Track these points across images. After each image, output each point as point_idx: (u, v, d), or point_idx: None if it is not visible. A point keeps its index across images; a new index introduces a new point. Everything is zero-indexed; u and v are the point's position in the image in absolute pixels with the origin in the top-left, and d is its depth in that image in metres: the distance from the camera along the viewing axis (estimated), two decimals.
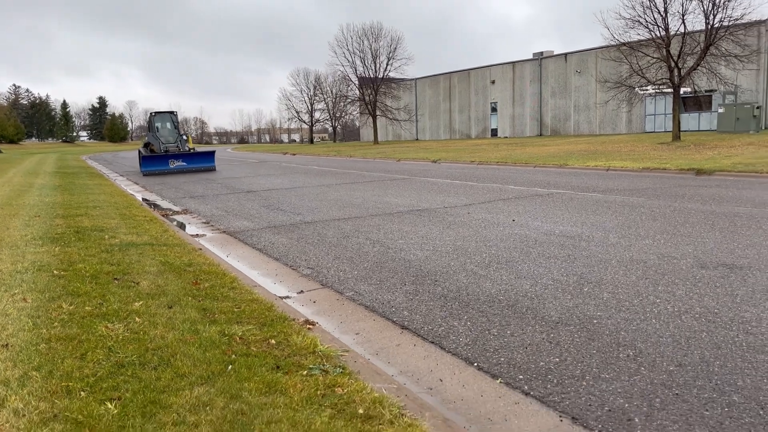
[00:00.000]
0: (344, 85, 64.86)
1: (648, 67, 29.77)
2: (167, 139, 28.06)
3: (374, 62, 58.07)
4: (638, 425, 3.30)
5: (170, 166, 26.11)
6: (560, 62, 51.31)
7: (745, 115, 33.67)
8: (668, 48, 28.60)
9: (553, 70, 51.76)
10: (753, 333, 4.51)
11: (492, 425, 3.42)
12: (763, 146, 24.37)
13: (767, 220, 9.07)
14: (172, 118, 29.48)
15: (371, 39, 58.42)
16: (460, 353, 4.44)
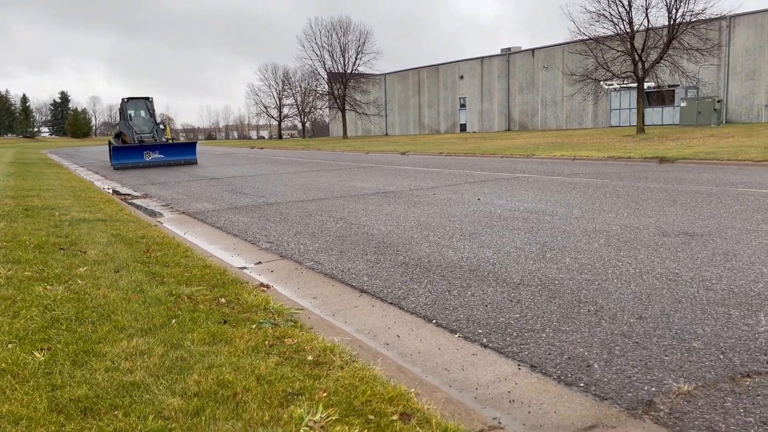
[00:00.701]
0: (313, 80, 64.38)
1: (613, 60, 30.11)
2: (141, 128, 24.58)
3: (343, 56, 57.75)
4: (597, 370, 3.21)
5: (145, 159, 22.98)
6: (528, 58, 51.71)
7: (707, 109, 34.37)
8: (632, 41, 28.97)
9: (521, 66, 52.13)
10: (713, 289, 4.48)
11: (449, 374, 3.29)
12: (723, 138, 24.85)
13: (726, 196, 9.16)
14: (147, 104, 25.54)
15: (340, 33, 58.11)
16: (419, 312, 4.31)
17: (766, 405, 2.73)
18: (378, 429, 2.28)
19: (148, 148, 23.32)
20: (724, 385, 2.95)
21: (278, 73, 79.80)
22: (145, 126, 24.83)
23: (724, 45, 36.81)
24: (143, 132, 24.43)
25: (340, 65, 57.96)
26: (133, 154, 23.05)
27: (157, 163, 23.20)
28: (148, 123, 25.07)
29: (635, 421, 2.69)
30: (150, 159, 23.13)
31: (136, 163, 22.69)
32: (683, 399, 2.84)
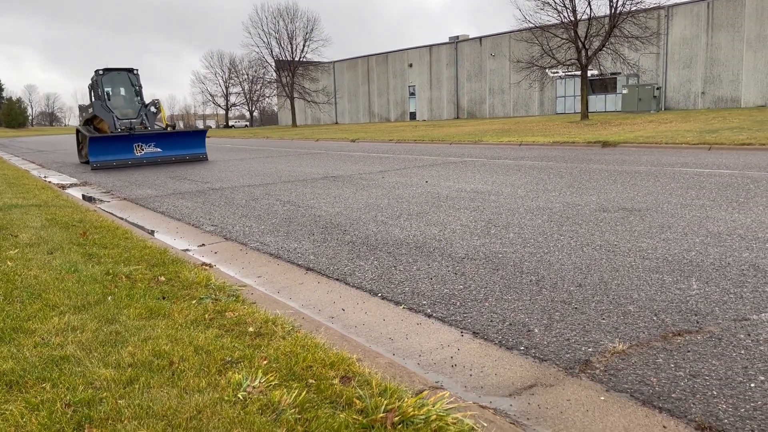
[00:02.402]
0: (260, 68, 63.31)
1: (558, 48, 30.71)
2: (124, 111, 18.15)
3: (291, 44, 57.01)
4: (537, 334, 3.27)
5: (136, 155, 16.57)
6: (475, 46, 52.19)
7: (647, 96, 35.46)
8: (576, 29, 29.60)
9: (469, 54, 52.59)
10: (649, 258, 4.63)
11: (393, 343, 3.30)
12: (662, 123, 25.71)
13: (663, 176, 9.48)
14: (130, 78, 18.73)
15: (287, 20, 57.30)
16: (364, 287, 4.30)
17: (695, 360, 2.84)
18: (318, 391, 2.26)
19: (139, 138, 16.84)
20: (656, 344, 3.05)
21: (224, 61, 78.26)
22: (128, 108, 18.40)
23: (663, 34, 38.04)
24: (127, 116, 17.94)
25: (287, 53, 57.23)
26: (118, 147, 16.33)
27: (153, 159, 16.85)
28: (133, 104, 18.61)
29: (572, 379, 2.75)
30: (143, 154, 16.74)
31: (123, 161, 16.27)
32: (618, 357, 2.92)
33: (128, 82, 18.75)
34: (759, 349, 2.91)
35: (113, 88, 18.37)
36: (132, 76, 18.82)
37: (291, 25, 57.15)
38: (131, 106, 18.51)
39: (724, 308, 3.49)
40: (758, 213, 6.12)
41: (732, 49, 36.33)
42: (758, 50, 35.12)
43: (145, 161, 16.72)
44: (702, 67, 37.81)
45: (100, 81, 18.12)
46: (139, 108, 18.46)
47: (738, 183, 8.29)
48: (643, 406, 2.49)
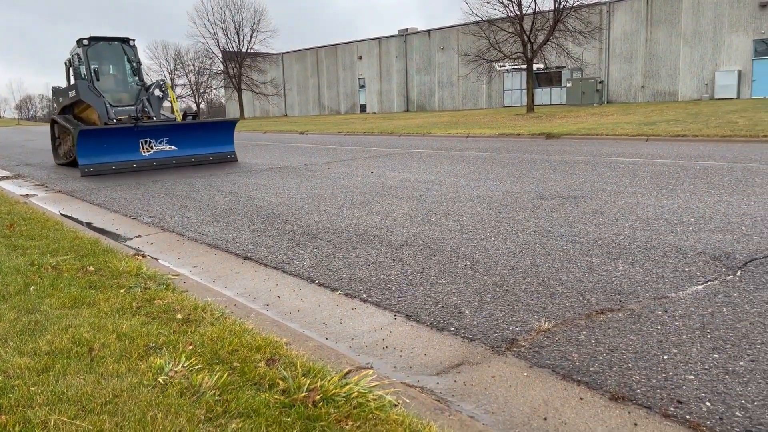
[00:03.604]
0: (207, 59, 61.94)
1: (504, 41, 31.17)
2: (117, 95, 13.70)
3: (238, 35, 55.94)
4: (468, 315, 3.34)
5: (143, 155, 12.13)
6: (424, 39, 52.45)
7: (590, 89, 36.43)
8: (521, 23, 30.10)
9: (418, 47, 52.81)
10: (580, 242, 4.77)
11: (326, 328, 3.31)
12: (604, 116, 26.45)
13: (601, 165, 9.78)
14: (126, 52, 14.06)
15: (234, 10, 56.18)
16: (302, 275, 4.29)
17: (614, 336, 2.96)
18: (242, 373, 2.25)
19: (147, 132, 12.24)
20: (580, 322, 3.16)
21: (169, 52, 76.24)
22: (123, 91, 13.89)
23: (605, 29, 39.07)
24: (121, 102, 13.50)
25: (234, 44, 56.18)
26: (118, 144, 11.85)
27: (166, 162, 12.32)
28: (129, 86, 14.08)
29: (498, 357, 2.83)
30: (151, 154, 12.23)
31: (125, 164, 11.85)
32: (543, 335, 3.01)
33: (122, 57, 14.05)
34: (674, 325, 3.05)
35: (102, 64, 13.79)
36: (128, 48, 14.04)
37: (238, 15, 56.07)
38: (127, 88, 13.92)
39: (645, 287, 3.64)
40: (685, 199, 6.38)
41: (670, 44, 37.61)
42: (694, 46, 36.48)
43: (156, 164, 11.99)
44: (642, 62, 39.02)
45: (85, 55, 13.23)
46: (138, 91, 13.81)
47: (669, 171, 8.63)
48: (563, 380, 2.58)
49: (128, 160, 11.86)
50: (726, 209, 5.74)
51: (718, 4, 35.05)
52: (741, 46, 34.54)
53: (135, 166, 11.87)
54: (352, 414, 1.95)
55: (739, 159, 9.91)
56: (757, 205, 5.89)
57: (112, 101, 13.24)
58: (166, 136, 12.42)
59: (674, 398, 2.35)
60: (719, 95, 34.42)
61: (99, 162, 11.50)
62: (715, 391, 2.38)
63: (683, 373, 2.54)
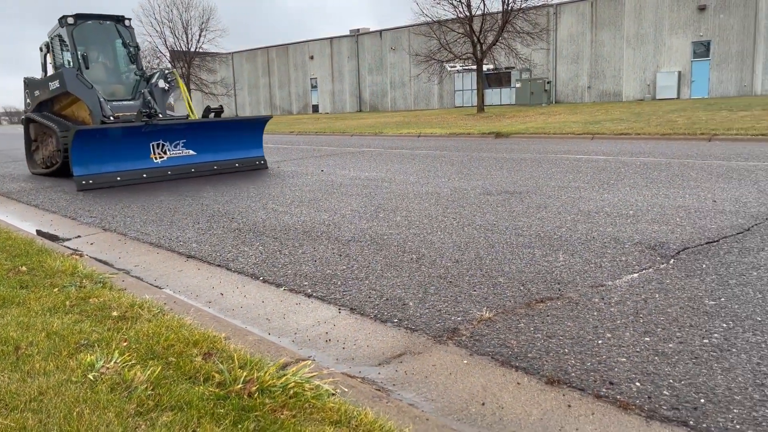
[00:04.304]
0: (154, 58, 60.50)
1: (454, 42, 31.53)
2: (110, 87, 11.45)
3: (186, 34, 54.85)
4: (411, 307, 3.36)
5: (155, 162, 9.69)
6: (376, 39, 52.57)
7: (538, 90, 37.20)
8: (471, 24, 30.51)
9: (370, 47, 52.90)
10: (523, 235, 4.86)
11: (269, 323, 3.27)
12: (552, 115, 27.06)
13: (547, 162, 10.00)
14: (120, 33, 11.67)
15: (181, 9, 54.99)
16: (246, 272, 4.24)
17: (552, 323, 3.03)
18: (177, 368, 2.21)
19: (160, 133, 9.70)
20: (520, 310, 3.22)
21: None
22: (118, 84, 11.61)
23: (552, 30, 39.97)
24: (115, 96, 11.25)
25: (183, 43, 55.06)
26: (123, 148, 9.32)
27: (183, 170, 9.87)
28: (125, 77, 11.73)
29: (440, 346, 2.85)
30: (165, 161, 9.76)
31: (133, 174, 9.33)
32: (484, 324, 3.06)
33: (116, 40, 11.56)
34: (609, 311, 3.14)
35: (90, 49, 11.23)
36: (123, 29, 11.55)
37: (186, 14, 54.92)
38: (122, 79, 11.56)
39: (584, 276, 3.74)
40: (624, 193, 6.59)
41: (614, 46, 38.74)
42: (636, 47, 37.67)
43: (171, 173, 9.52)
44: (588, 63, 40.06)
45: (70, 36, 10.79)
46: (136, 82, 11.46)
47: (611, 167, 8.88)
48: (501, 366, 2.62)
49: (137, 169, 9.25)
50: (662, 202, 5.94)
51: (658, 7, 36.30)
52: (680, 48, 35.86)
53: (145, 176, 9.27)
54: (288, 403, 1.94)
55: (677, 155, 10.29)
56: (691, 198, 6.12)
57: (105, 95, 10.82)
58: (182, 138, 9.80)
59: (606, 380, 2.42)
60: (661, 95, 35.65)
61: (100, 172, 8.93)
62: (644, 372, 2.46)
63: (616, 356, 2.62)
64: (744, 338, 2.72)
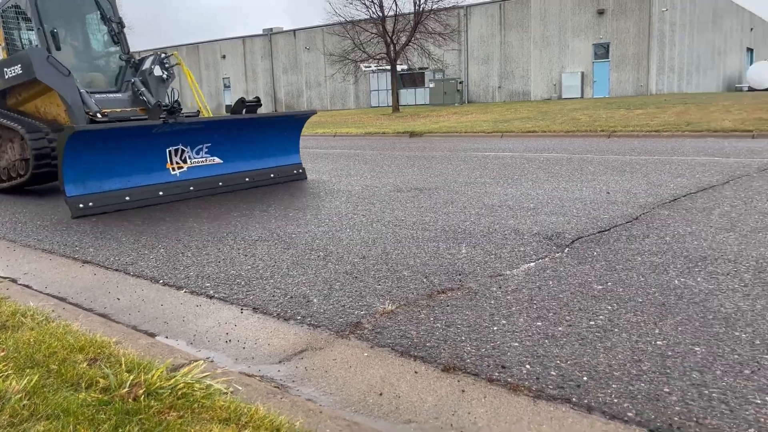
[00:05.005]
0: None
1: (368, 42, 31.73)
2: (87, 77, 8.75)
3: None
4: (315, 303, 3.35)
5: (173, 174, 7.16)
6: (290, 38, 52.07)
7: (451, 90, 38.07)
8: (384, 24, 30.80)
9: (284, 47, 52.34)
10: (429, 230, 4.96)
11: (167, 326, 3.17)
12: (464, 115, 27.76)
13: (456, 159, 10.25)
14: (99, 4, 8.92)
15: None
16: (145, 275, 4.08)
17: (452, 312, 3.10)
18: (58, 375, 2.10)
19: (176, 135, 7.20)
20: (422, 302, 3.28)
21: None
22: (95, 71, 9.13)
23: (463, 31, 41.00)
24: (96, 87, 8.74)
25: None
26: (134, 156, 6.83)
27: (208, 185, 7.43)
28: (105, 62, 9.27)
29: (341, 341, 2.86)
30: (184, 172, 7.29)
31: (147, 191, 6.87)
32: (386, 317, 3.10)
33: (93, 15, 9.07)
34: (506, 299, 3.26)
35: (58, 25, 8.49)
36: (102, 1, 8.98)
37: None
38: (100, 64, 9.10)
39: (484, 267, 3.85)
40: (527, 187, 6.85)
41: (522, 47, 40.20)
42: (543, 49, 39.26)
43: (194, 189, 7.24)
44: (498, 64, 41.37)
45: (35, 9, 8.31)
46: (121, 69, 9.05)
47: (516, 163, 9.22)
48: (401, 356, 2.66)
49: (151, 185, 6.87)
50: (561, 195, 6.23)
51: (561, 10, 37.99)
52: (583, 50, 37.68)
53: (161, 194, 6.88)
54: (175, 405, 1.88)
55: (578, 151, 10.81)
56: (588, 190, 6.45)
57: (90, 86, 8.52)
58: (206, 141, 7.41)
59: (499, 364, 2.51)
60: (566, 95, 37.33)
61: (102, 190, 6.47)
62: (535, 355, 2.57)
63: (509, 341, 2.72)
64: (626, 318, 2.89)
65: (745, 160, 8.45)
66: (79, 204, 6.27)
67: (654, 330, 2.75)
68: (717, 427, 1.97)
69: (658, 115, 17.46)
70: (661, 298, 3.13)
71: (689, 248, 4.02)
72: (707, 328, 2.73)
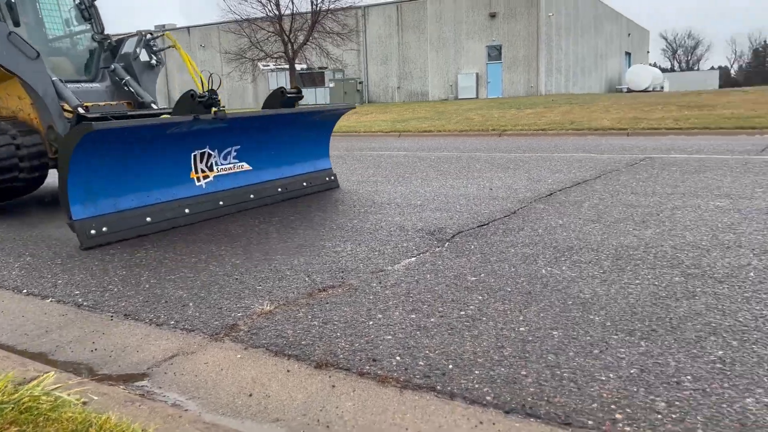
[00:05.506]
0: None
1: (265, 40, 31.27)
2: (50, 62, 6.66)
3: None
4: (192, 307, 3.26)
5: (200, 186, 5.65)
6: (184, 35, 50.27)
7: (351, 90, 38.23)
8: (281, 23, 30.47)
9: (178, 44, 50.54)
10: (315, 229, 4.96)
11: (27, 338, 2.98)
12: (364, 114, 27.96)
13: (351, 158, 10.32)
14: None
15: None
16: (6, 285, 3.82)
17: (330, 310, 3.12)
18: None
19: (206, 135, 5.67)
20: (301, 301, 3.28)
21: None
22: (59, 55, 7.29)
23: (361, 31, 41.28)
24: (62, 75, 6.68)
25: None
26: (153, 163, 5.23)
27: (238, 197, 5.93)
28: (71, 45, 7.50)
29: (215, 344, 2.80)
30: (210, 183, 5.76)
31: (170, 209, 5.30)
32: (263, 317, 3.06)
33: None
34: (385, 293, 3.32)
35: None
36: None
37: None
38: (67, 47, 7.51)
39: (367, 263, 3.90)
40: (416, 185, 7.01)
41: (419, 48, 41.04)
42: (439, 50, 40.28)
43: (223, 204, 5.76)
44: (396, 64, 42.00)
45: None
46: (93, 54, 7.47)
47: (409, 162, 9.41)
48: (275, 356, 2.64)
49: (174, 200, 5.37)
50: (447, 192, 6.42)
51: (456, 13, 39.13)
52: (477, 51, 39.01)
53: (188, 212, 5.39)
54: (17, 419, 1.77)
55: (468, 150, 11.19)
56: (473, 187, 6.70)
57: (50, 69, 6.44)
58: (234, 144, 6.00)
59: (371, 358, 2.55)
60: (462, 95, 38.48)
61: (117, 209, 4.93)
62: (406, 347, 2.63)
63: (383, 335, 2.77)
64: (494, 308, 3.03)
65: (617, 156, 9.08)
66: (90, 230, 4.66)
67: (519, 317, 2.89)
68: (565, 404, 2.10)
69: (546, 115, 18.40)
70: (528, 287, 3.31)
71: (558, 239, 4.27)
72: (566, 313, 2.91)
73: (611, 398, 2.12)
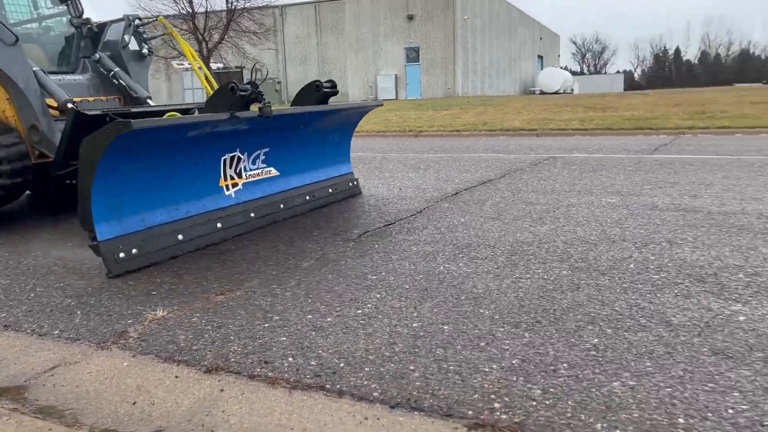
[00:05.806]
0: None
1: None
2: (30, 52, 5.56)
3: None
4: (79, 315, 3.12)
5: (230, 197, 4.78)
6: None
7: (269, 90, 37.70)
8: (194, 21, 29.68)
9: None
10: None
11: None
12: None
13: None
14: None
15: None
16: None
17: (226, 314, 3.06)
18: None
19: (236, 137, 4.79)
20: (197, 305, 3.21)
21: None
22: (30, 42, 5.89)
23: (279, 31, 40.85)
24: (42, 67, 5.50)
25: None
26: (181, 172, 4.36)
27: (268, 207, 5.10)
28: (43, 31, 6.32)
29: (102, 352, 2.70)
30: (240, 191, 4.89)
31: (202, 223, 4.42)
32: (156, 323, 2.98)
33: None
34: (284, 296, 3.30)
35: None
36: None
37: None
38: (39, 34, 6.28)
39: (270, 267, 3.87)
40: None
41: (338, 49, 41.07)
42: (358, 51, 40.46)
43: (254, 216, 4.91)
44: (316, 65, 41.84)
45: None
46: (71, 42, 6.28)
47: None
48: (164, 362, 2.57)
49: (204, 213, 4.52)
50: None
51: (374, 15, 39.42)
52: (395, 53, 39.46)
53: (219, 227, 4.58)
54: None
55: (384, 151, 11.29)
56: (383, 187, 6.78)
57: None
58: (263, 146, 5.18)
59: (263, 360, 2.53)
60: (381, 96, 38.75)
61: (146, 226, 4.04)
62: (299, 347, 2.63)
63: (278, 336, 2.76)
64: (390, 305, 3.08)
65: (523, 156, 9.43)
66: (118, 252, 3.79)
67: (413, 313, 2.95)
68: (448, 396, 2.17)
69: (461, 116, 18.83)
70: (425, 284, 3.38)
71: (459, 237, 4.39)
72: (458, 308, 2.99)
73: (492, 388, 2.21)
